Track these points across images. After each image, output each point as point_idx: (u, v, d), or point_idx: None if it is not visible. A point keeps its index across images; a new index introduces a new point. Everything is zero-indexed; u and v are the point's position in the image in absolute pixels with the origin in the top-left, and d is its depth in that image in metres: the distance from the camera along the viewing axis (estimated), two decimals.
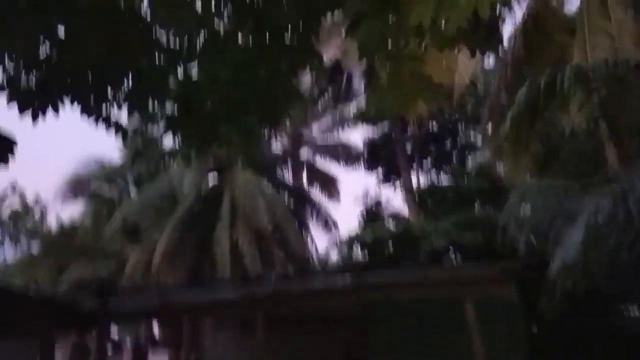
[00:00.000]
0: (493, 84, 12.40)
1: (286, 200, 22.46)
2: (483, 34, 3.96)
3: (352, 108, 23.09)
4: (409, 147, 23.44)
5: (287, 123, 22.91)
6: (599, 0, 9.66)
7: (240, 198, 18.78)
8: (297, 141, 24.90)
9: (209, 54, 4.05)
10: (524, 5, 11.37)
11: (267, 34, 4.07)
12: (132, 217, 18.95)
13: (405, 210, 22.39)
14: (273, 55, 4.11)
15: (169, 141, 21.43)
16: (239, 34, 4.10)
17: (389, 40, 4.10)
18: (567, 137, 9.22)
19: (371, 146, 24.00)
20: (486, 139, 12.22)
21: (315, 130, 25.47)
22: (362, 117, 21.06)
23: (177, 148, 4.40)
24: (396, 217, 23.55)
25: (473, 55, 4.21)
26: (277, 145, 24.44)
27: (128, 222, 18.78)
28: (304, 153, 25.36)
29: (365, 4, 3.86)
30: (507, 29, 11.92)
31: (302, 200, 23.18)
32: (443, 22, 3.32)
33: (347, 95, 22.90)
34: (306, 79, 22.46)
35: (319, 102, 23.96)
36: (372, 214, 23.43)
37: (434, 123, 23.21)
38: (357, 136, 24.47)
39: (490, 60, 17.65)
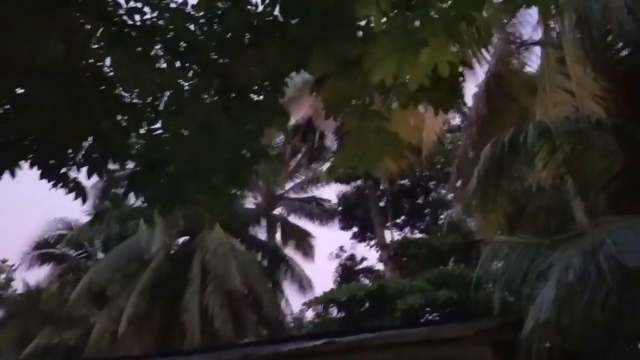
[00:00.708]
0: (460, 143, 12.62)
1: (260, 259, 22.11)
2: (444, 91, 4.03)
3: (325, 165, 23.23)
4: (383, 203, 23.54)
5: (260, 181, 22.85)
6: (558, 60, 10.04)
7: (212, 259, 18.43)
8: (271, 199, 24.79)
9: (173, 113, 4.00)
10: (486, 65, 11.74)
11: (233, 93, 4.06)
12: (98, 281, 18.35)
13: (380, 266, 22.23)
14: (239, 115, 4.08)
15: (133, 201, 21.16)
16: (204, 93, 4.08)
17: (354, 98, 4.16)
18: (535, 194, 9.31)
19: (345, 203, 24.02)
20: (456, 197, 12.31)
21: (290, 188, 25.46)
22: (332, 173, 21.14)
23: (141, 209, 4.24)
24: (371, 273, 23.33)
25: (436, 113, 4.27)
26: (251, 204, 24.28)
27: (94, 286, 18.17)
28: (278, 211, 25.22)
29: (330, 64, 3.89)
30: (470, 88, 12.23)
31: (276, 259, 22.84)
32: (406, 79, 3.35)
33: (320, 153, 23.07)
34: (280, 137, 22.67)
35: (293, 160, 24.06)
36: (347, 271, 23.19)
37: (406, 180, 23.46)
38: (331, 193, 24.31)
39: (457, 119, 18.17)
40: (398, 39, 3.10)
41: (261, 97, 3.99)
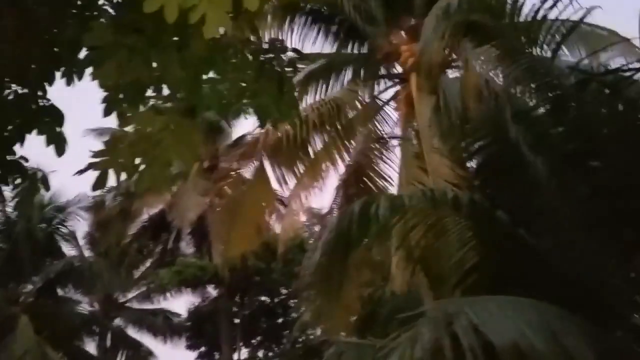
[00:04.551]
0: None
1: None
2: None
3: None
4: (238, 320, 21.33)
5: (98, 286, 19.85)
6: (415, 155, 9.65)
7: None
8: (108, 306, 21.53)
9: None
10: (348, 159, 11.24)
11: None
12: None
13: None
14: None
15: None
16: None
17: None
18: (386, 296, 8.26)
19: (195, 317, 21.50)
20: (305, 301, 10.89)
21: (133, 296, 22.39)
22: (178, 276, 18.87)
23: None
24: None
25: (262, 125, 3.29)
26: (84, 309, 20.87)
27: None
28: (116, 321, 21.90)
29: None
30: (333, 181, 11.51)
31: None
32: None
33: (172, 255, 20.79)
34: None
35: (139, 264, 21.43)
36: None
37: (266, 297, 21.68)
38: (181, 305, 21.69)
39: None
40: None
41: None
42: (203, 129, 19.84)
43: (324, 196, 11.90)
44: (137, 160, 2.97)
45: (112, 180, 2.96)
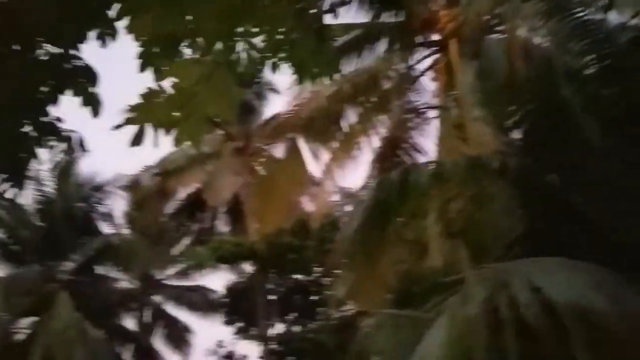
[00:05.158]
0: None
1: (121, 351, 18.91)
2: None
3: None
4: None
5: (136, 263, 20.17)
6: (456, 125, 9.28)
7: (56, 346, 15.25)
8: (147, 284, 21.85)
9: None
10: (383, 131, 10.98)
11: None
12: None
13: None
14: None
15: None
16: None
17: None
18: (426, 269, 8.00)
19: (232, 294, 21.68)
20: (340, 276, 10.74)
21: (171, 273, 22.69)
22: (215, 253, 18.98)
23: None
24: None
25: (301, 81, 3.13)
26: (122, 286, 21.24)
27: None
28: (155, 298, 22.23)
29: None
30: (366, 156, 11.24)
31: (143, 353, 19.68)
32: None
33: (209, 233, 20.92)
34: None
35: (176, 242, 21.65)
36: None
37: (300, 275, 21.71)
38: (217, 281, 21.89)
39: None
40: None
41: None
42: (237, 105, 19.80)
43: (357, 172, 11.63)
44: (174, 115, 2.84)
45: (149, 136, 2.84)
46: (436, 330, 4.33)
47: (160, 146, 2.94)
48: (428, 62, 10.97)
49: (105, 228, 20.38)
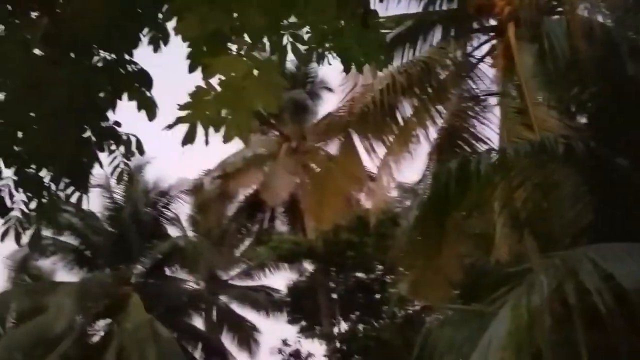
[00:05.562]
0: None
1: (190, 350, 19.41)
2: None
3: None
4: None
5: (202, 265, 20.68)
6: (517, 110, 8.94)
7: (129, 346, 15.85)
8: (213, 284, 22.38)
9: None
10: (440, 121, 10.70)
11: None
12: None
13: None
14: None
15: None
16: None
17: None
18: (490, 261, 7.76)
19: (295, 293, 21.84)
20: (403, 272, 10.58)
21: (235, 274, 23.14)
22: (275, 252, 19.13)
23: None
24: None
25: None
26: (190, 287, 21.84)
27: None
28: (221, 298, 22.74)
29: None
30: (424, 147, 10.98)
31: (211, 352, 20.15)
32: None
33: (268, 233, 21.18)
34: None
35: (239, 243, 22.05)
36: None
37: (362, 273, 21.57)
38: (279, 281, 22.12)
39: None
40: None
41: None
42: (290, 108, 20.01)
43: (415, 165, 11.38)
44: (223, 112, 2.86)
45: (200, 135, 2.87)
46: (500, 320, 4.16)
47: (216, 147, 2.97)
48: (486, 48, 10.63)
49: (172, 231, 21.02)
